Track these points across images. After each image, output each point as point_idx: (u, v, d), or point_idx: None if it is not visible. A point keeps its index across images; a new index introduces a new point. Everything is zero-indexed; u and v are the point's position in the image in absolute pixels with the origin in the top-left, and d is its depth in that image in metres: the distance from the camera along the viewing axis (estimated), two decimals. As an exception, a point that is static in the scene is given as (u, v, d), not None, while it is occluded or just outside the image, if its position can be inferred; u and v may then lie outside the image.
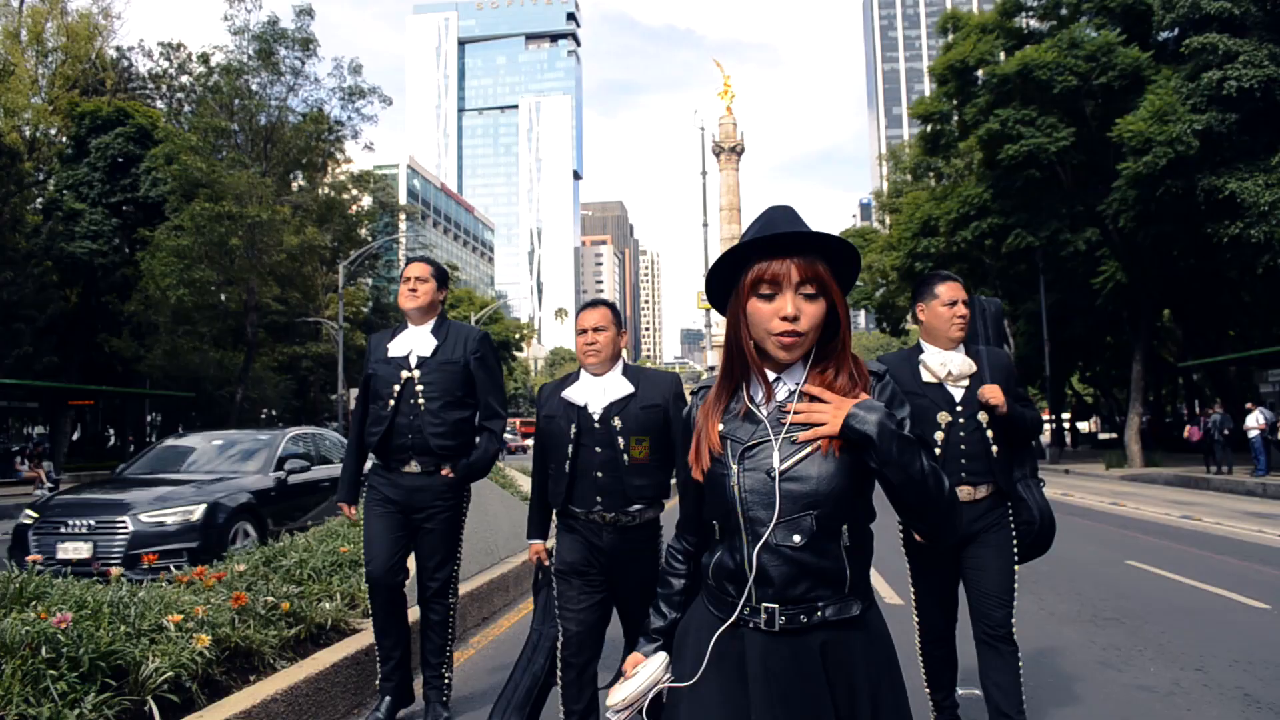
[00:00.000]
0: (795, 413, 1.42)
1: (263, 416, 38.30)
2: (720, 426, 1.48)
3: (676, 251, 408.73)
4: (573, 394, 3.00)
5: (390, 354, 3.55)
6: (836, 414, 1.38)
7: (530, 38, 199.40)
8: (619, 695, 1.54)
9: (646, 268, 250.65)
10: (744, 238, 1.45)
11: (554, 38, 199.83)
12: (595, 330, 2.99)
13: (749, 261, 1.42)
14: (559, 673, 3.00)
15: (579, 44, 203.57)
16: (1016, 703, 2.92)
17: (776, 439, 1.41)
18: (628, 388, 2.96)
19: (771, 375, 1.46)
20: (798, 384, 1.44)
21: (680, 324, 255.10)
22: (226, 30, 26.83)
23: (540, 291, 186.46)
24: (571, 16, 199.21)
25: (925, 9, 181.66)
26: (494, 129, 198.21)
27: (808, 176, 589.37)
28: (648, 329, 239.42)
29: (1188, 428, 22.71)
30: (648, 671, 1.55)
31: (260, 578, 4.10)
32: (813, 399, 1.43)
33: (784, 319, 1.39)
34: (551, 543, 3.09)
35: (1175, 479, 19.18)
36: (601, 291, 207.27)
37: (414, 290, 3.53)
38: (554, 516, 3.14)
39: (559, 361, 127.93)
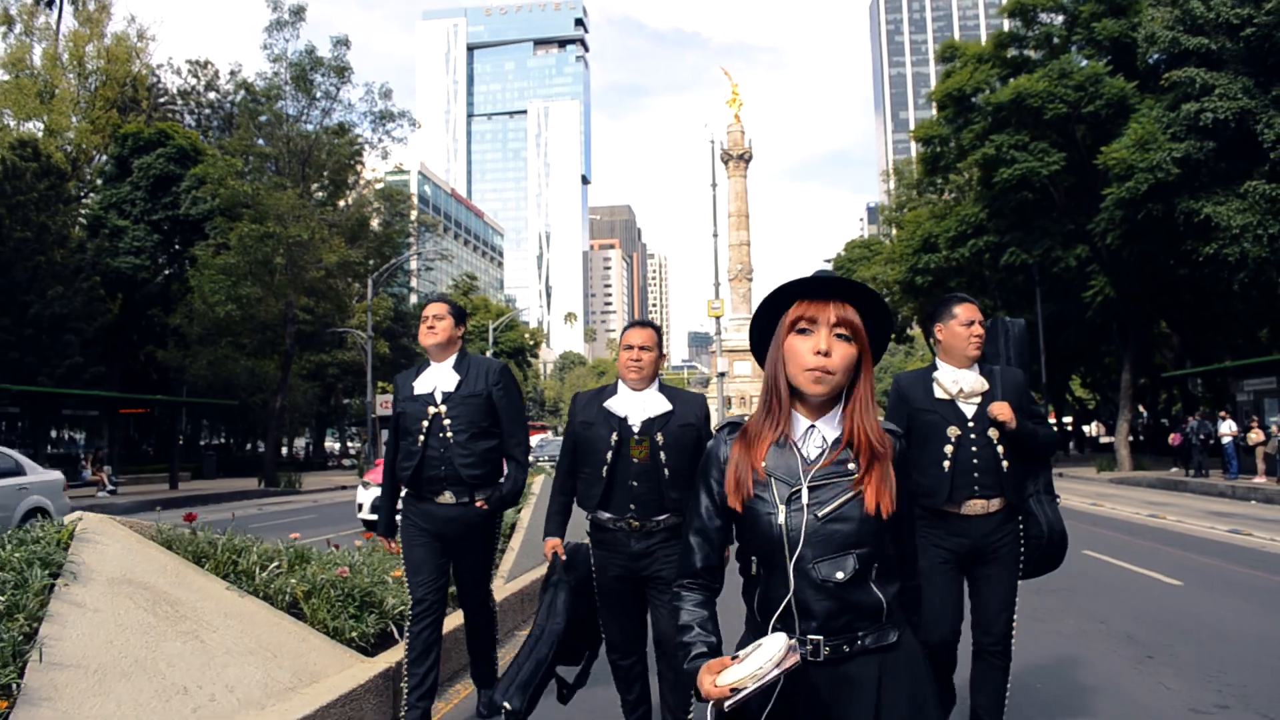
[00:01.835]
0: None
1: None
2: (764, 463, 1.55)
3: (684, 254, 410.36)
4: (614, 405, 3.19)
5: (416, 392, 3.70)
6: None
7: (539, 43, 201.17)
8: (734, 674, 1.38)
9: (654, 271, 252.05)
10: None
11: (562, 43, 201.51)
12: (641, 349, 3.19)
13: (789, 305, 1.55)
14: (611, 671, 3.29)
15: (587, 49, 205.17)
16: (997, 710, 3.13)
17: (829, 482, 1.51)
18: (666, 405, 3.17)
19: (806, 422, 1.55)
20: (837, 435, 1.54)
21: (688, 327, 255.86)
22: (265, 58, 28.37)
23: (549, 295, 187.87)
24: (580, 22, 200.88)
25: (932, 15, 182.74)
26: (503, 134, 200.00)
27: (814, 179, 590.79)
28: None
29: (1172, 435, 24.08)
30: (772, 649, 1.38)
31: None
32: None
33: (818, 353, 1.48)
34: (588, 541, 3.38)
35: (1157, 482, 20.60)
36: (610, 295, 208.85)
37: (432, 328, 3.69)
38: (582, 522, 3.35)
39: (568, 365, 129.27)
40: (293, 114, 28.65)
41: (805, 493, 1.50)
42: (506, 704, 3.13)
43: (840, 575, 1.47)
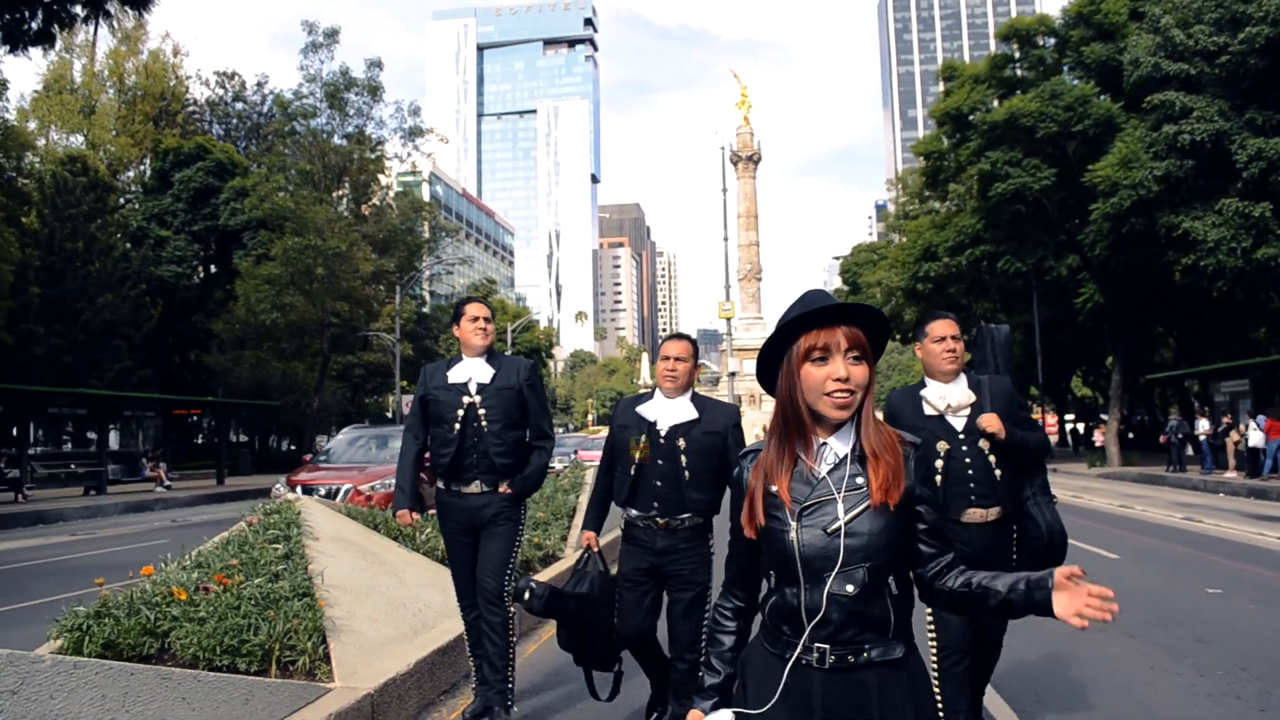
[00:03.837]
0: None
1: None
2: (775, 485, 1.62)
3: (693, 252, 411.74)
4: (646, 410, 3.47)
5: (451, 381, 3.92)
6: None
7: (548, 43, 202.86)
8: None
9: (663, 269, 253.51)
10: (786, 317, 1.62)
11: (571, 43, 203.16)
12: (676, 360, 3.45)
13: (797, 336, 1.59)
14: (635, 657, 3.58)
15: (596, 49, 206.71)
16: (981, 690, 3.47)
17: (836, 497, 1.57)
18: (693, 413, 3.42)
19: (819, 440, 1.62)
20: (848, 450, 1.60)
21: (697, 325, 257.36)
22: (302, 78, 30.13)
23: (559, 294, 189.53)
24: (589, 22, 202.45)
25: (940, 13, 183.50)
26: (513, 133, 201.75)
27: (822, 176, 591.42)
28: (664, 330, 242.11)
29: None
30: None
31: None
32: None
33: (837, 380, 1.54)
34: (613, 536, 3.69)
35: (1140, 476, 22.13)
36: (619, 294, 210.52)
37: (484, 329, 3.98)
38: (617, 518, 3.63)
39: (579, 364, 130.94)
40: (326, 130, 30.45)
41: (816, 508, 1.57)
42: (533, 585, 3.53)
43: (850, 588, 1.53)
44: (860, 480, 1.57)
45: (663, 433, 3.39)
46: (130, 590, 4.33)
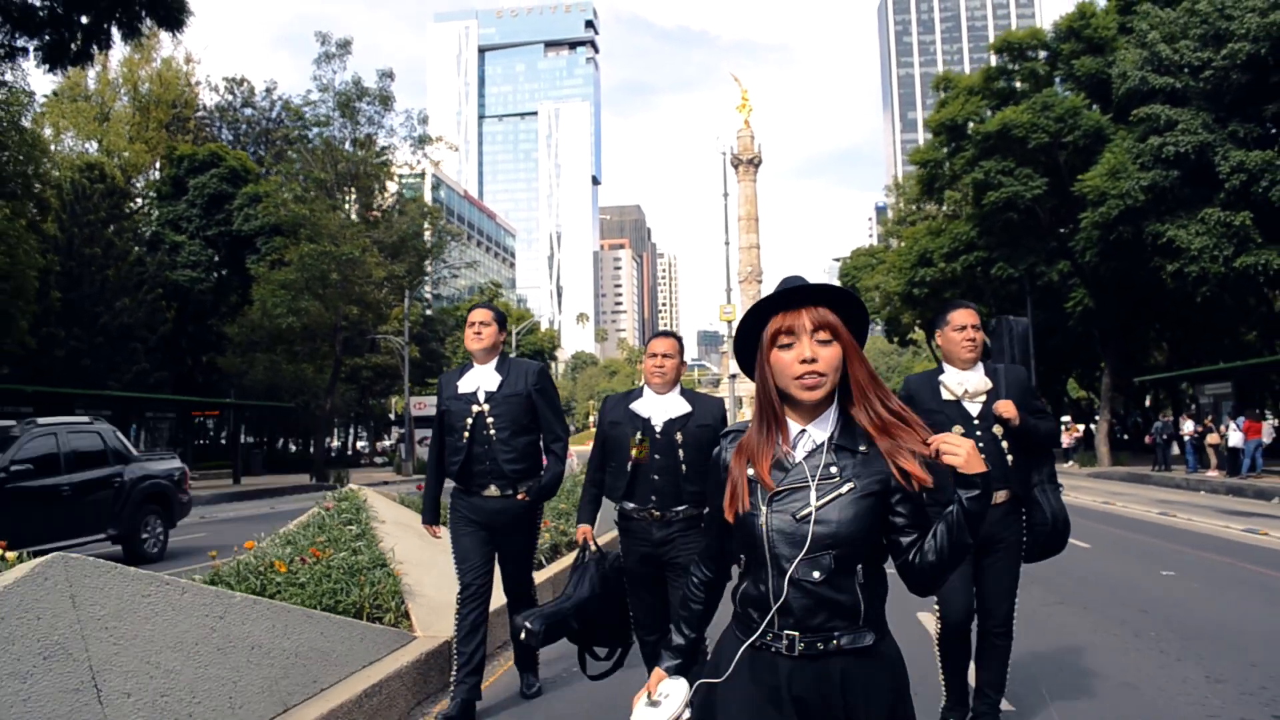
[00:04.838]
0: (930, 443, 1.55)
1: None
2: (750, 471, 1.62)
3: (694, 254, 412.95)
4: (639, 407, 3.52)
5: (460, 391, 3.98)
6: (974, 457, 1.51)
7: (549, 45, 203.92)
8: (644, 716, 1.64)
9: (664, 270, 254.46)
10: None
11: (573, 45, 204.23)
12: (664, 356, 3.51)
13: (766, 321, 1.60)
14: (640, 649, 3.63)
15: (597, 51, 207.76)
16: (1000, 684, 3.47)
17: (810, 484, 1.57)
18: (686, 407, 3.49)
19: (798, 427, 1.61)
20: (826, 437, 1.59)
21: (698, 326, 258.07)
22: (315, 87, 30.94)
23: (560, 295, 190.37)
24: (590, 24, 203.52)
25: (940, 15, 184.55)
26: (514, 135, 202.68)
27: (822, 177, 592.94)
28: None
29: (1148, 437, 26.44)
30: (676, 701, 1.66)
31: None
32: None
33: (803, 362, 1.54)
34: (612, 536, 3.75)
35: (1127, 475, 22.97)
36: (620, 295, 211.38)
37: (479, 334, 3.96)
38: (610, 510, 3.68)
39: (580, 365, 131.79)
40: (338, 138, 31.27)
41: (787, 494, 1.57)
42: (528, 624, 3.42)
43: (816, 574, 1.53)
44: (834, 469, 1.57)
45: (658, 428, 3.46)
46: (236, 562, 5.18)
